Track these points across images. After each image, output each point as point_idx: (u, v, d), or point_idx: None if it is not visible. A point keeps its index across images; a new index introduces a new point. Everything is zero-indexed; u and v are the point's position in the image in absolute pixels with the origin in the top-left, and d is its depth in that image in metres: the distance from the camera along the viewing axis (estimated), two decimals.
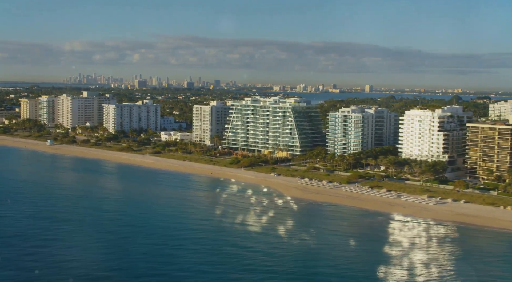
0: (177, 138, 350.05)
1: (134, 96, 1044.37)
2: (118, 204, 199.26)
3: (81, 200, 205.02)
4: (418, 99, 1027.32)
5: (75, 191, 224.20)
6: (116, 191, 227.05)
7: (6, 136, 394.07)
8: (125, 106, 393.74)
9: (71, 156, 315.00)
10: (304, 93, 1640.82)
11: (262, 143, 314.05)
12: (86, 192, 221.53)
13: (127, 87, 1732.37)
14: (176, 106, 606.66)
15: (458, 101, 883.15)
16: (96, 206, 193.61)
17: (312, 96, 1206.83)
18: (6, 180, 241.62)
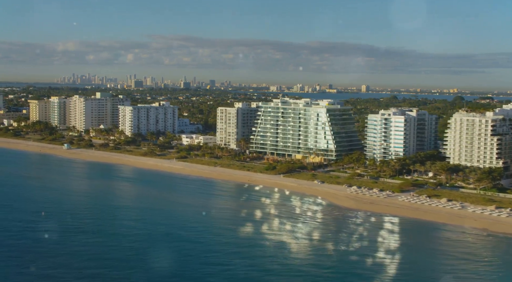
0: (200, 142, 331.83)
1: (134, 97, 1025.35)
2: (165, 216, 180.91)
3: (120, 211, 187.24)
4: (419, 99, 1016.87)
5: (112, 201, 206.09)
6: (157, 200, 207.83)
7: (18, 139, 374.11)
8: (142, 108, 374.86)
9: (91, 161, 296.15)
10: (301, 93, 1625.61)
11: (293, 147, 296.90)
12: (123, 202, 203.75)
13: (124, 88, 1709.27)
14: (191, 107, 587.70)
15: (461, 101, 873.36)
16: (140, 218, 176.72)
17: (310, 97, 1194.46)
18: (32, 189, 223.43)
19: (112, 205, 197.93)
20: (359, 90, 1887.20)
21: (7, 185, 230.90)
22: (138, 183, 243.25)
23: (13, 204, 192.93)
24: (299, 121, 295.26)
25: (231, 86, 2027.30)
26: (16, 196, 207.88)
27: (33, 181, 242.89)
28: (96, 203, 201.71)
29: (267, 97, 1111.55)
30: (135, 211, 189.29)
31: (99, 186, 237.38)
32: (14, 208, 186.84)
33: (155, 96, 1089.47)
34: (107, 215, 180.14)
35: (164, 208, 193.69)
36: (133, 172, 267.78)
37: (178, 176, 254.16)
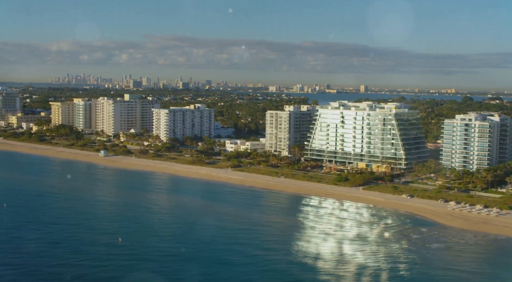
0: (247, 148, 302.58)
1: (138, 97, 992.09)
2: (275, 243, 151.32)
3: (212, 231, 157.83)
4: (428, 99, 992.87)
5: (196, 220, 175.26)
6: (247, 221, 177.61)
7: (45, 145, 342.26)
8: (178, 111, 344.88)
9: (137, 170, 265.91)
10: (301, 93, 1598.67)
11: (355, 155, 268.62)
12: (210, 221, 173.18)
13: (122, 88, 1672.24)
14: (221, 109, 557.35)
15: (473, 102, 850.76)
16: (240, 241, 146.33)
17: (311, 97, 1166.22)
18: (96, 205, 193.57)
19: (198, 225, 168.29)
20: (357, 91, 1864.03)
21: (66, 199, 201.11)
22: (207, 198, 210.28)
23: (84, 223, 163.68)
24: (362, 126, 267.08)
25: (227, 87, 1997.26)
26: (82, 213, 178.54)
27: (91, 194, 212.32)
28: (175, 221, 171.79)
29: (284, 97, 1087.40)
30: (232, 232, 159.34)
31: (169, 202, 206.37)
32: (86, 228, 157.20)
33: (159, 97, 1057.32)
34: (201, 239, 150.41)
35: (263, 230, 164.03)
36: (191, 183, 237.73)
37: (243, 189, 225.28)
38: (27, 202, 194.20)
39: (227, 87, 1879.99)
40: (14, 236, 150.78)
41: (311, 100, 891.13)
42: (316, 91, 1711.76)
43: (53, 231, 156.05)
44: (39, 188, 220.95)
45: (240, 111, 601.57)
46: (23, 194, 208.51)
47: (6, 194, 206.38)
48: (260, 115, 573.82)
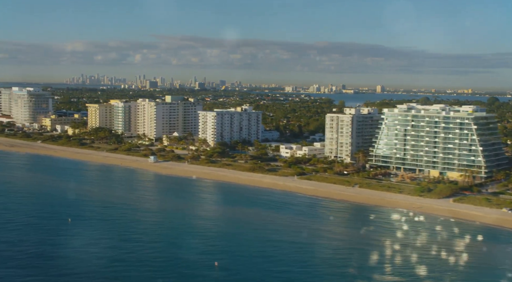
0: (305, 154, 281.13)
1: (161, 98, 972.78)
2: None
3: (327, 251, 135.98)
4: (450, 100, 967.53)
5: (302, 241, 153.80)
6: (352, 240, 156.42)
7: (87, 149, 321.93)
8: (226, 114, 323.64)
9: (194, 178, 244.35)
10: (318, 93, 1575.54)
11: (426, 162, 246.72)
12: (305, 239, 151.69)
13: (138, 88, 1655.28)
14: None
15: (497, 101, 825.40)
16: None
17: (330, 97, 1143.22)
18: (174, 219, 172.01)
19: (308, 244, 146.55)
20: (373, 91, 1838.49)
21: (136, 210, 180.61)
22: (296, 213, 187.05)
23: (172, 239, 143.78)
24: (435, 131, 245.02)
25: (242, 87, 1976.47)
26: (167, 228, 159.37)
27: (166, 206, 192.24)
28: (277, 239, 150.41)
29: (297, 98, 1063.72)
30: (351, 253, 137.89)
31: (258, 216, 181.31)
32: (177, 246, 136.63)
33: (182, 96, 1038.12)
34: (316, 262, 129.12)
35: (386, 253, 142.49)
36: (264, 194, 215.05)
37: (322, 201, 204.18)
38: (95, 215, 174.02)
39: (243, 88, 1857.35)
40: (95, 254, 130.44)
41: (338, 101, 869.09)
42: (333, 91, 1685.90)
43: (139, 250, 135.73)
44: (103, 198, 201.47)
45: (273, 113, 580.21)
46: (87, 205, 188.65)
47: (68, 206, 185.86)
48: (293, 116, 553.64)
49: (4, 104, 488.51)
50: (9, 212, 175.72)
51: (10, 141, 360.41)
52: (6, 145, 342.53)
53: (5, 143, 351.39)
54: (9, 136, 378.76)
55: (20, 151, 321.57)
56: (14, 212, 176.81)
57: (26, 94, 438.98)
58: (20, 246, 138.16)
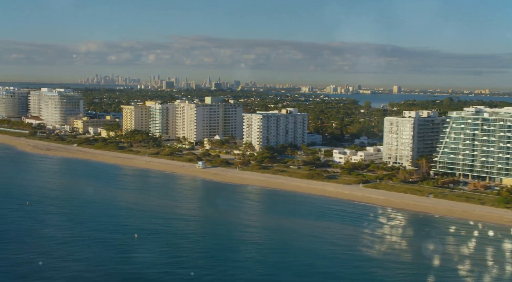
0: (361, 159, 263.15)
1: (181, 99, 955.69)
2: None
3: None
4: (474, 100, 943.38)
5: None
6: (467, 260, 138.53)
7: (127, 153, 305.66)
8: (272, 116, 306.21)
9: (253, 186, 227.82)
10: (334, 94, 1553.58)
11: (498, 169, 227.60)
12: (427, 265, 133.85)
13: (155, 88, 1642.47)
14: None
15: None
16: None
17: (347, 98, 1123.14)
18: (271, 236, 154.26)
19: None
20: (390, 91, 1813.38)
21: (219, 224, 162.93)
22: (377, 226, 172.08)
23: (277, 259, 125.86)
24: (508, 135, 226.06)
25: (257, 87, 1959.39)
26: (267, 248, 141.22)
27: (250, 221, 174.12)
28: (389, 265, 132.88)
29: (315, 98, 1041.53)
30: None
31: (344, 230, 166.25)
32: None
33: (202, 98, 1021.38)
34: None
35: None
36: (331, 204, 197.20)
37: (394, 212, 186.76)
38: (160, 228, 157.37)
39: (259, 88, 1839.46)
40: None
41: (363, 101, 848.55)
42: (350, 91, 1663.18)
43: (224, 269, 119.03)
44: (163, 208, 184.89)
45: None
46: (149, 217, 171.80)
47: (129, 218, 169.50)
48: (324, 118, 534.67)
49: (33, 106, 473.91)
50: (74, 225, 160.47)
51: (45, 144, 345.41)
52: (42, 148, 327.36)
53: (40, 146, 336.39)
54: (42, 139, 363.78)
55: (57, 155, 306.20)
56: (78, 224, 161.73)
57: (57, 95, 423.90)
58: (98, 264, 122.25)
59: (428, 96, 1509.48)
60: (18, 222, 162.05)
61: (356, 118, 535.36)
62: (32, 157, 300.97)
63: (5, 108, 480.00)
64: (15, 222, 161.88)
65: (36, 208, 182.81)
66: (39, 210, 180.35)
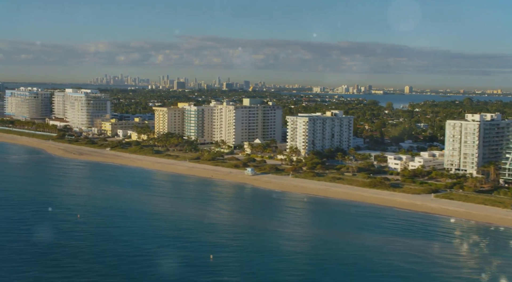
0: (420, 166, 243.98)
1: (196, 99, 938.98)
2: None
3: None
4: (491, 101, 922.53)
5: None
6: None
7: (165, 158, 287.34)
8: (318, 120, 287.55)
9: (315, 196, 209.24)
10: (346, 94, 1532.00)
11: None
12: None
13: (166, 88, 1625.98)
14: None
15: None
16: None
17: (358, 97, 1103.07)
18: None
19: None
20: (401, 91, 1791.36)
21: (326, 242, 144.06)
22: (477, 245, 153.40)
23: None
24: None
25: (268, 87, 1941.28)
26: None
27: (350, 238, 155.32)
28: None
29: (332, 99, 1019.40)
30: None
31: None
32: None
33: (218, 98, 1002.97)
34: None
35: None
36: (409, 217, 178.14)
37: (482, 227, 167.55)
38: (235, 245, 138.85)
39: (270, 88, 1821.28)
40: None
41: (385, 102, 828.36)
42: (362, 92, 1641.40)
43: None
44: (230, 221, 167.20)
45: None
46: (219, 232, 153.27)
47: (199, 233, 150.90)
48: (359, 120, 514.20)
49: (58, 107, 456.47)
50: (138, 240, 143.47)
51: (76, 147, 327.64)
52: (74, 152, 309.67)
53: (71, 150, 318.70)
54: (72, 142, 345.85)
55: (91, 160, 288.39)
56: (141, 239, 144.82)
57: (84, 96, 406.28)
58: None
59: (441, 96, 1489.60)
60: (76, 238, 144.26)
61: (384, 120, 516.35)
62: (66, 162, 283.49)
63: (28, 109, 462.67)
64: (73, 238, 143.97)
65: (89, 220, 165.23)
66: (92, 222, 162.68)
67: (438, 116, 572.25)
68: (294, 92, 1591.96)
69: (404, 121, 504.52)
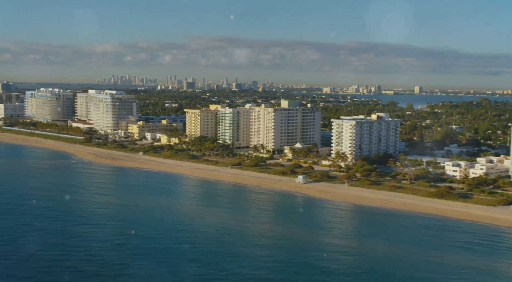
0: (483, 173, 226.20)
1: (210, 99, 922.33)
2: None
3: None
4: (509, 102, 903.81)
5: None
6: None
7: (204, 164, 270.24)
8: (365, 123, 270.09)
9: (375, 207, 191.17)
10: (356, 94, 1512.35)
11: None
12: None
13: (176, 88, 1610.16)
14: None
15: None
16: None
17: (367, 99, 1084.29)
18: None
19: None
20: (411, 92, 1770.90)
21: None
22: None
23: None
24: None
25: (278, 88, 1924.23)
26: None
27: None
28: None
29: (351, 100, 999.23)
30: None
31: None
32: None
33: (233, 98, 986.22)
34: None
35: None
36: (497, 233, 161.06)
37: None
38: (327, 267, 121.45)
39: (280, 89, 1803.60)
40: None
41: (405, 103, 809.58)
42: (372, 92, 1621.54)
43: None
44: (315, 239, 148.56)
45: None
46: (310, 250, 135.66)
47: (287, 254, 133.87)
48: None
49: (80, 109, 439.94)
50: (216, 260, 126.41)
51: (106, 152, 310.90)
52: (106, 157, 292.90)
53: (102, 154, 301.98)
54: (100, 146, 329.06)
55: (125, 165, 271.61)
56: (219, 258, 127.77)
57: (109, 97, 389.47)
58: None
59: (453, 97, 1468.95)
60: (141, 257, 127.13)
61: (414, 122, 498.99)
62: (101, 168, 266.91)
63: (50, 111, 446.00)
64: (139, 255, 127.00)
65: (145, 234, 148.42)
66: (150, 237, 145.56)
67: (465, 117, 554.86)
68: (304, 92, 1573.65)
69: (434, 122, 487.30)
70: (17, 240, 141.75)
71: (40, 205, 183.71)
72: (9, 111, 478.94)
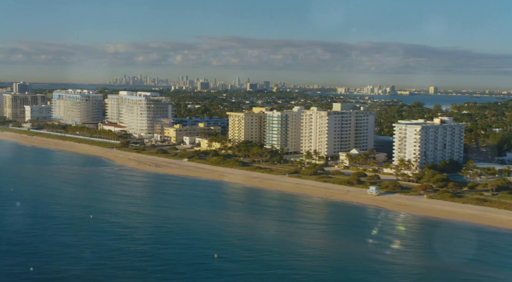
0: None
1: (229, 100, 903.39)
2: None
3: None
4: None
5: None
6: None
7: (257, 172, 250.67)
8: (430, 128, 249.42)
9: (467, 223, 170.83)
10: (371, 95, 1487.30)
11: None
12: None
13: (190, 89, 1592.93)
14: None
15: None
16: None
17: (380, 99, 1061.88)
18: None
19: None
20: (426, 92, 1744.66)
21: None
22: None
23: None
24: None
25: (291, 88, 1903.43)
26: None
27: None
28: None
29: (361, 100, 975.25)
30: None
31: None
32: None
33: (252, 99, 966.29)
34: None
35: None
36: None
37: None
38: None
39: (294, 89, 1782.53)
40: None
41: (433, 105, 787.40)
42: (387, 92, 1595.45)
43: None
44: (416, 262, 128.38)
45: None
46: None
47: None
48: None
49: (111, 111, 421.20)
50: None
51: (147, 158, 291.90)
52: (149, 164, 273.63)
53: (144, 160, 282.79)
54: (139, 151, 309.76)
55: (173, 173, 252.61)
56: None
57: (144, 100, 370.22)
58: None
59: (470, 97, 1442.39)
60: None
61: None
62: (149, 176, 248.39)
63: (79, 113, 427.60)
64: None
65: (231, 257, 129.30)
66: (236, 260, 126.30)
67: (500, 120, 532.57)
68: (319, 93, 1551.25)
69: (473, 125, 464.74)
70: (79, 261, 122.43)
71: (98, 219, 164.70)
72: (35, 114, 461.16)
